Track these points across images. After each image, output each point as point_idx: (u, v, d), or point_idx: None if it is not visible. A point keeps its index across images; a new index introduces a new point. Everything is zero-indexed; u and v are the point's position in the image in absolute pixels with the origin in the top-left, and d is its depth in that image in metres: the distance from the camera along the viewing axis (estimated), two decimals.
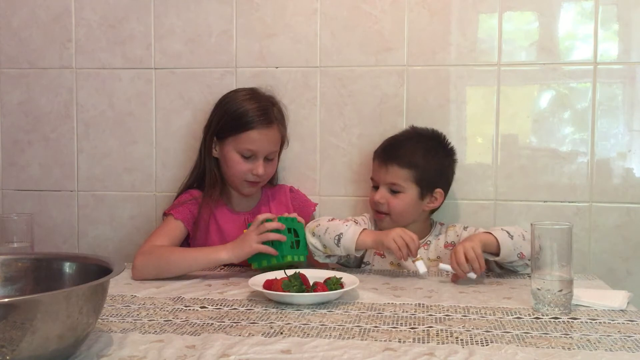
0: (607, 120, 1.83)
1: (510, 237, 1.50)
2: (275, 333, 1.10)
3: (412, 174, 1.67)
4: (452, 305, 1.28)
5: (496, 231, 1.52)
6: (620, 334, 1.10)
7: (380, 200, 1.69)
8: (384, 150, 1.73)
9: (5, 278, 1.13)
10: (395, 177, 1.67)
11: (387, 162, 1.69)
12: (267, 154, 1.72)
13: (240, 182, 1.73)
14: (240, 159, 1.70)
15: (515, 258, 1.52)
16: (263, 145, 1.70)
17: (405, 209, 1.68)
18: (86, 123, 2.02)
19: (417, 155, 1.68)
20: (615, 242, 1.84)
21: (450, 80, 1.87)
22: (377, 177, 1.72)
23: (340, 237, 1.56)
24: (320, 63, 1.91)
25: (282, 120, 1.78)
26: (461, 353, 1.00)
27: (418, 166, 1.67)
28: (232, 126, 1.70)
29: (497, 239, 1.49)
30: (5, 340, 0.84)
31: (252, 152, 1.69)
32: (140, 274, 1.53)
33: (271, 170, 1.77)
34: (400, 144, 1.73)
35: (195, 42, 1.96)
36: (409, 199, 1.68)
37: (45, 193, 2.05)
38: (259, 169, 1.70)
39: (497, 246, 1.49)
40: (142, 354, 1.00)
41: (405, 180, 1.67)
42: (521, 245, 1.51)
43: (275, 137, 1.74)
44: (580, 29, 1.83)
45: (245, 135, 1.68)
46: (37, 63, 2.03)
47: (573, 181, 1.85)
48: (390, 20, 1.88)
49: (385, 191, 1.69)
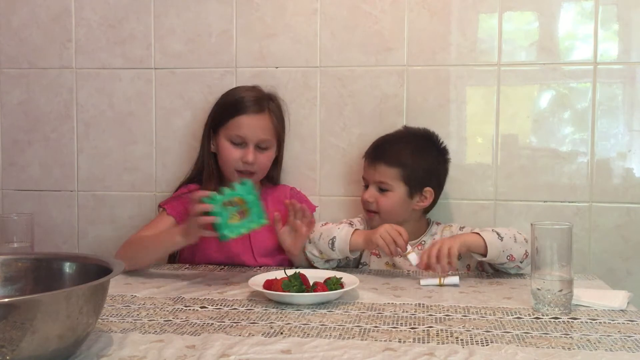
0: (607, 120, 1.83)
1: (499, 239, 1.49)
2: (275, 333, 1.10)
3: (400, 172, 1.67)
4: (452, 305, 1.28)
5: (485, 232, 1.51)
6: (620, 334, 1.10)
7: (369, 199, 1.70)
8: (374, 149, 1.74)
9: (5, 278, 1.13)
10: (383, 176, 1.68)
11: (376, 161, 1.70)
12: (258, 142, 1.70)
13: (231, 173, 1.72)
14: (230, 146, 1.70)
15: (505, 260, 1.51)
16: (252, 131, 1.69)
17: (394, 207, 1.69)
18: (86, 123, 2.02)
19: (405, 154, 1.69)
20: (615, 242, 1.84)
21: (450, 80, 1.87)
22: (367, 176, 1.73)
23: (334, 240, 1.57)
24: (320, 63, 1.91)
25: (278, 113, 1.79)
26: (461, 353, 1.00)
27: (406, 165, 1.68)
28: (224, 115, 1.72)
29: (484, 239, 1.48)
30: (5, 340, 0.84)
31: (241, 138, 1.69)
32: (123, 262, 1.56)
33: (264, 160, 1.74)
34: (389, 143, 1.73)
35: (195, 42, 1.96)
36: (397, 197, 1.68)
37: (45, 193, 2.05)
38: (249, 155, 1.68)
39: (485, 247, 1.48)
40: (142, 354, 1.00)
41: (393, 179, 1.67)
42: (511, 248, 1.49)
43: (267, 125, 1.73)
44: (580, 29, 1.83)
45: (234, 121, 1.69)
46: (37, 63, 2.03)
47: (573, 181, 1.85)
48: (390, 20, 1.88)
49: (374, 190, 1.70)
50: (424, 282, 1.48)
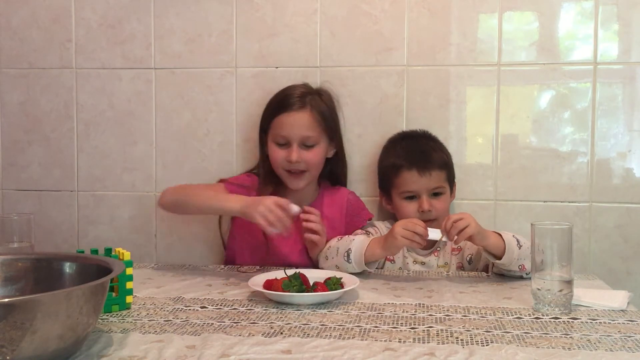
0: (607, 120, 1.83)
1: (518, 246, 1.46)
2: (275, 333, 1.10)
3: (446, 173, 1.71)
4: (452, 305, 1.28)
5: (507, 235, 1.47)
6: (620, 334, 1.10)
7: (430, 208, 1.65)
8: (419, 159, 1.68)
9: (5, 278, 1.13)
10: (439, 180, 1.69)
11: (428, 169, 1.66)
12: (301, 140, 1.66)
13: (282, 174, 1.70)
14: (275, 148, 1.68)
15: (516, 268, 1.48)
16: (293, 129, 1.65)
17: (447, 207, 1.72)
18: (86, 123, 2.02)
19: (442, 155, 1.73)
20: (615, 242, 1.84)
21: (450, 80, 1.87)
22: (418, 187, 1.66)
23: (349, 253, 1.52)
24: (320, 63, 1.91)
25: (323, 108, 1.71)
26: (461, 353, 1.00)
27: (448, 165, 1.73)
28: (268, 116, 1.71)
29: (505, 244, 1.45)
30: (5, 340, 0.84)
31: (284, 137, 1.66)
32: (164, 201, 1.63)
33: (311, 158, 1.67)
34: (425, 149, 1.72)
35: (195, 42, 1.96)
36: (448, 198, 1.72)
37: (45, 193, 2.05)
38: (293, 154, 1.64)
39: (503, 250, 1.45)
40: (142, 354, 1.00)
41: (444, 181, 1.71)
42: (525, 257, 1.46)
43: (309, 122, 1.66)
44: (580, 29, 1.83)
45: (276, 121, 1.68)
46: (37, 63, 2.02)
47: (573, 181, 1.85)
48: (390, 20, 1.88)
49: (427, 197, 1.67)
50: (432, 234, 1.46)
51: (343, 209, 1.76)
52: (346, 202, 1.77)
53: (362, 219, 1.76)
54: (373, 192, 1.90)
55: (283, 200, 1.46)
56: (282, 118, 1.67)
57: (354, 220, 1.75)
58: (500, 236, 1.47)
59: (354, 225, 1.73)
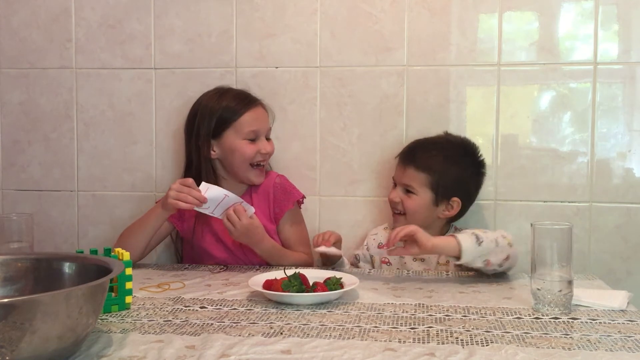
0: (607, 120, 1.83)
1: (477, 243, 1.43)
2: (275, 333, 1.10)
3: (428, 179, 1.67)
4: (452, 306, 1.28)
5: (464, 235, 1.45)
6: (620, 334, 1.10)
7: (395, 199, 1.71)
8: (407, 151, 1.74)
9: (5, 278, 1.13)
10: (410, 179, 1.68)
11: (406, 163, 1.70)
12: (266, 133, 1.77)
13: (247, 170, 1.73)
14: (246, 143, 1.72)
15: (481, 264, 1.46)
16: (261, 123, 1.74)
17: (418, 210, 1.68)
18: (86, 123, 2.02)
19: (436, 161, 1.68)
20: (615, 242, 1.84)
21: (450, 80, 1.87)
22: (396, 176, 1.74)
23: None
24: (320, 63, 1.91)
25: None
26: (461, 353, 1.00)
27: (435, 172, 1.67)
28: (226, 118, 1.72)
29: (460, 245, 1.43)
30: (5, 340, 0.84)
31: (255, 132, 1.72)
32: (120, 246, 1.62)
33: (272, 148, 1.78)
34: (423, 147, 1.72)
35: (195, 42, 1.96)
36: (422, 202, 1.68)
37: (45, 193, 2.05)
38: (267, 146, 1.74)
39: (458, 249, 1.44)
40: (142, 354, 1.00)
41: (420, 184, 1.67)
42: (489, 253, 1.45)
43: (266, 115, 1.78)
44: (580, 29, 1.83)
45: (242, 119, 1.71)
46: (37, 63, 2.03)
47: (573, 181, 1.85)
48: (390, 20, 1.88)
49: (401, 190, 1.71)
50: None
51: (270, 194, 1.78)
52: (272, 187, 1.78)
53: (289, 202, 1.77)
54: (373, 192, 1.91)
55: (187, 180, 1.58)
56: (249, 115, 1.72)
57: (282, 204, 1.77)
58: (455, 239, 1.45)
59: (282, 208, 1.76)
